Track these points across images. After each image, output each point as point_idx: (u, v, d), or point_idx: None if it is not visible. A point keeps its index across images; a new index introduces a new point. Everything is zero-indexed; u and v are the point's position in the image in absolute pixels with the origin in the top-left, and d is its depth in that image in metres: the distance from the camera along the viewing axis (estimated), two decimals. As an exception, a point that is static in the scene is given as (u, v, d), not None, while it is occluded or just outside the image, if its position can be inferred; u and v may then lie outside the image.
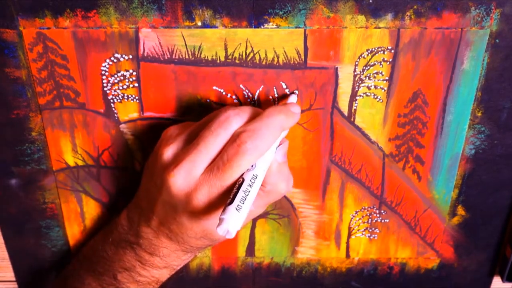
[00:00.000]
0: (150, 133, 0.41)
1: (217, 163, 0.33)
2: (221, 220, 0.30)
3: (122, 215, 0.41)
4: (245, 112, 0.35)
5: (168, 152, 0.35)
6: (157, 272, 0.39)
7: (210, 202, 0.33)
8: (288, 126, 0.36)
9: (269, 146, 0.34)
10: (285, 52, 0.37)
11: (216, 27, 0.36)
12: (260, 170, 0.33)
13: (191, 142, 0.35)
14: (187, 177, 0.33)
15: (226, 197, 0.32)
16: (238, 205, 0.30)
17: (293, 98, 0.38)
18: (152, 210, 0.37)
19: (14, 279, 0.48)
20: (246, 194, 0.31)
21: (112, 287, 0.39)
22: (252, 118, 0.34)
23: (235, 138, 0.33)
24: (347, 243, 0.47)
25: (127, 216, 0.40)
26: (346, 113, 0.40)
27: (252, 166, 0.33)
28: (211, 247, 0.46)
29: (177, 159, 0.34)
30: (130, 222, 0.40)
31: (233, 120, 0.34)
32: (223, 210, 0.31)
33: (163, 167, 0.35)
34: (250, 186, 0.32)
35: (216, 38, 0.37)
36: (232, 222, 0.30)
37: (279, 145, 0.36)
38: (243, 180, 0.32)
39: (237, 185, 0.32)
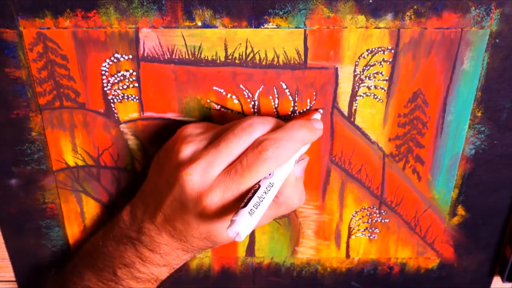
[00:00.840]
0: (150, 133, 0.41)
1: (236, 167, 0.33)
2: (232, 221, 0.30)
3: (124, 211, 0.41)
4: (269, 122, 0.35)
5: (187, 150, 0.35)
6: (157, 269, 0.39)
7: (222, 204, 0.33)
8: (309, 141, 0.36)
9: (289, 157, 0.34)
10: (285, 52, 0.37)
11: (216, 27, 0.36)
12: (277, 180, 0.33)
13: (211, 143, 0.35)
14: (204, 176, 0.33)
15: (239, 201, 0.32)
16: (251, 209, 0.30)
17: (317, 116, 0.39)
18: (159, 206, 0.37)
19: (14, 279, 0.48)
20: (261, 200, 0.31)
21: (112, 283, 0.39)
22: (275, 129, 0.35)
23: (257, 144, 0.33)
24: (347, 243, 0.47)
25: (130, 211, 0.40)
26: (346, 113, 0.40)
27: (269, 174, 0.33)
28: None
29: (195, 157, 0.34)
30: (132, 218, 0.40)
31: (257, 127, 0.35)
32: (236, 212, 0.31)
33: (178, 164, 0.35)
34: (266, 193, 0.32)
35: (216, 38, 0.37)
36: (243, 225, 0.30)
37: (298, 160, 0.36)
38: (259, 186, 0.32)
39: (252, 191, 0.32)
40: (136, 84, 0.39)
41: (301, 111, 0.40)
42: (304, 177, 0.37)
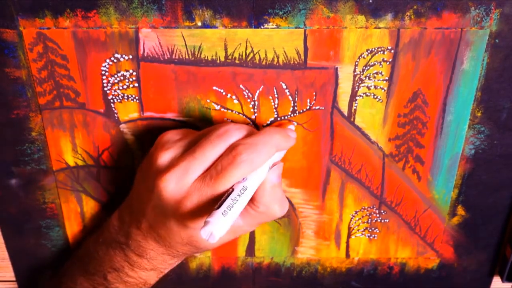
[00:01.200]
0: (150, 133, 0.41)
1: (211, 172, 0.34)
2: (206, 222, 0.30)
3: (113, 215, 0.41)
4: (244, 128, 0.36)
5: (165, 157, 0.35)
6: (145, 274, 0.39)
7: (198, 209, 0.34)
8: (283, 147, 0.37)
9: (263, 162, 0.34)
10: (285, 52, 0.37)
11: (216, 27, 0.36)
12: (250, 183, 0.33)
13: (188, 150, 0.35)
14: (179, 183, 0.34)
15: (214, 205, 0.32)
16: (224, 211, 0.31)
17: (291, 126, 0.40)
18: (143, 213, 0.37)
19: (14, 279, 0.48)
20: (234, 202, 0.32)
21: (102, 287, 0.40)
22: (250, 135, 0.35)
23: (231, 149, 0.34)
24: (347, 243, 0.47)
25: (119, 216, 0.40)
26: (346, 113, 0.40)
27: (243, 178, 0.34)
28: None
29: (172, 165, 0.34)
30: (121, 223, 0.40)
31: (232, 134, 0.35)
32: (209, 214, 0.31)
33: (156, 171, 0.35)
34: (239, 196, 0.32)
35: (216, 38, 0.37)
36: (217, 226, 0.30)
37: (273, 166, 0.36)
38: (233, 190, 0.33)
39: (226, 194, 0.33)
40: (136, 84, 0.39)
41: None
42: (281, 183, 0.37)
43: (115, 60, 0.38)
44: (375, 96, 0.39)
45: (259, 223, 0.38)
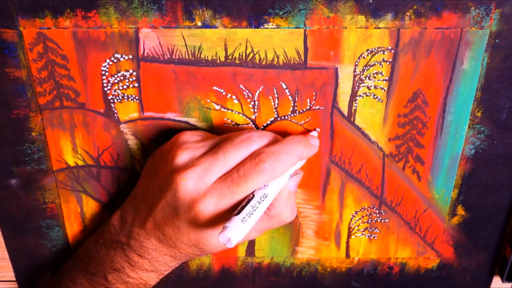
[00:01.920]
0: (150, 133, 0.41)
1: (232, 175, 0.34)
2: (225, 227, 0.30)
3: (114, 215, 0.41)
4: (267, 136, 0.36)
5: (183, 156, 0.35)
6: (146, 275, 0.39)
7: (215, 211, 0.34)
8: (305, 156, 0.37)
9: (285, 171, 0.35)
10: (285, 52, 0.37)
11: (216, 27, 0.36)
12: (270, 191, 0.34)
13: (208, 151, 0.35)
14: (199, 182, 0.34)
15: (232, 210, 0.33)
16: (244, 217, 0.31)
17: (314, 133, 0.40)
18: (150, 211, 0.37)
19: (14, 279, 0.48)
20: (254, 209, 0.32)
21: (103, 287, 0.40)
22: (272, 143, 0.36)
23: (255, 156, 0.34)
24: (347, 243, 0.47)
25: (120, 216, 0.40)
26: (346, 113, 0.40)
27: (264, 185, 0.34)
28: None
29: (192, 164, 0.34)
30: (122, 223, 0.40)
31: (255, 141, 0.35)
32: (229, 219, 0.31)
33: (173, 169, 0.35)
34: (259, 203, 0.32)
35: (216, 38, 0.37)
36: (235, 231, 0.30)
37: (293, 175, 0.37)
38: (253, 196, 0.33)
39: (246, 200, 0.33)
40: (136, 84, 0.39)
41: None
42: (296, 192, 0.38)
43: (115, 60, 0.38)
44: (375, 96, 0.39)
45: (267, 228, 0.38)
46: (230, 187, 0.33)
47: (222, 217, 0.34)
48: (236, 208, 0.32)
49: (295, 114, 0.40)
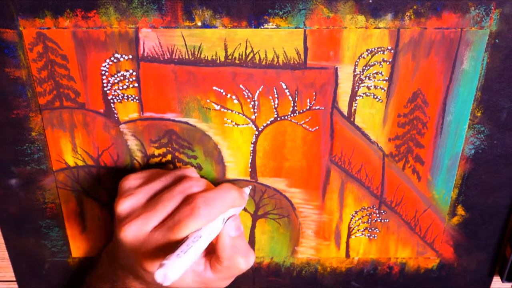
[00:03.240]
0: (150, 133, 0.41)
1: (168, 223, 0.35)
2: (161, 265, 0.31)
3: (104, 250, 0.43)
4: (203, 182, 0.38)
5: (125, 205, 0.37)
6: None
7: (155, 256, 0.35)
8: (237, 205, 0.38)
9: (218, 215, 0.36)
10: (285, 52, 0.37)
11: (216, 27, 0.36)
12: (204, 233, 0.34)
13: (148, 198, 0.37)
14: (138, 233, 0.35)
15: (170, 251, 0.33)
16: (178, 254, 0.31)
17: (246, 190, 0.42)
18: (117, 255, 0.39)
19: (14, 279, 0.48)
20: (188, 247, 0.32)
21: None
22: (208, 189, 0.37)
23: (190, 201, 0.35)
24: (347, 243, 0.47)
25: (106, 252, 0.42)
26: (346, 113, 0.40)
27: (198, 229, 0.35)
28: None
29: (132, 215, 0.36)
30: (108, 259, 0.41)
31: (193, 186, 0.37)
32: (165, 257, 0.32)
33: (118, 219, 0.36)
34: (193, 242, 0.33)
35: (216, 38, 0.37)
36: (171, 268, 0.31)
37: (228, 219, 0.38)
38: (187, 238, 0.34)
39: (181, 241, 0.34)
40: (136, 84, 0.39)
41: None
42: (243, 235, 0.38)
43: (115, 60, 0.38)
44: (375, 96, 0.39)
45: (230, 277, 0.38)
46: (166, 234, 0.34)
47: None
48: (173, 248, 0.33)
49: (295, 114, 0.40)
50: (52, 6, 0.36)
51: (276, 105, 0.40)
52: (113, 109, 0.40)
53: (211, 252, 0.37)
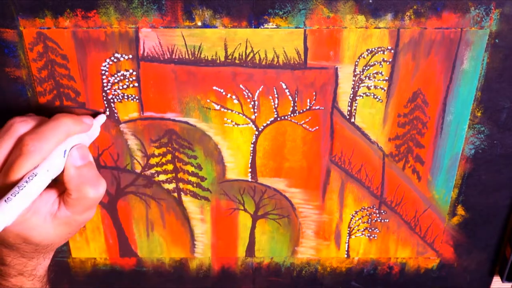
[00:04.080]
0: (150, 133, 0.41)
1: (4, 169, 0.34)
2: None
3: None
4: (32, 119, 0.36)
5: None
6: (15, 280, 0.38)
7: None
8: (74, 132, 0.36)
9: (53, 148, 0.34)
10: (285, 52, 0.37)
11: (216, 27, 0.36)
12: (41, 170, 0.33)
13: None
14: None
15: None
16: (8, 198, 0.31)
17: (100, 117, 0.40)
18: None
19: (14, 279, 0.48)
20: (20, 189, 0.32)
21: None
22: (39, 125, 0.35)
23: (19, 141, 0.34)
24: (347, 243, 0.47)
25: None
26: (346, 113, 0.40)
27: (35, 167, 0.34)
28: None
29: None
30: None
31: (19, 126, 0.35)
32: None
33: None
34: (26, 182, 0.32)
35: (216, 38, 0.37)
36: (1, 214, 0.30)
37: (71, 149, 0.36)
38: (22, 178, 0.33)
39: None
40: (136, 84, 0.39)
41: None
42: (92, 164, 0.37)
43: (115, 60, 0.38)
44: (375, 96, 0.39)
45: (86, 210, 0.36)
46: (4, 181, 0.33)
47: None
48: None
49: (295, 114, 0.40)
50: (52, 6, 0.36)
51: (276, 105, 0.40)
52: (113, 108, 0.40)
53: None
